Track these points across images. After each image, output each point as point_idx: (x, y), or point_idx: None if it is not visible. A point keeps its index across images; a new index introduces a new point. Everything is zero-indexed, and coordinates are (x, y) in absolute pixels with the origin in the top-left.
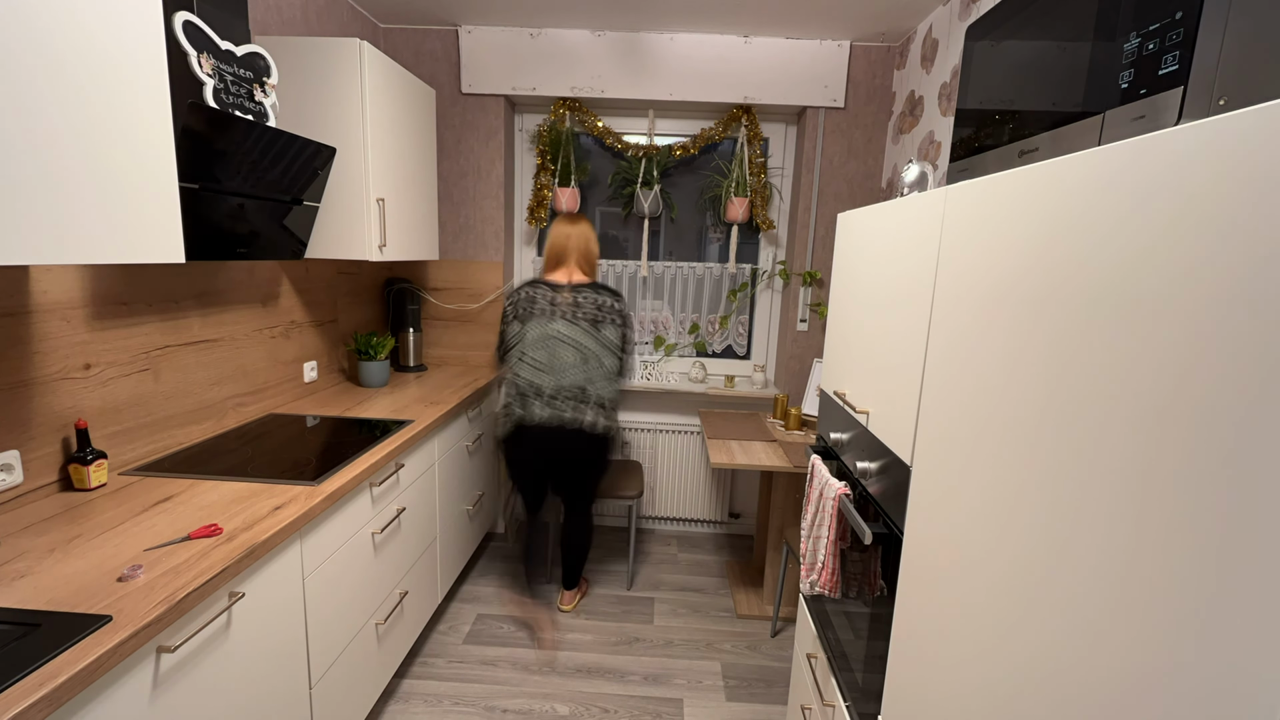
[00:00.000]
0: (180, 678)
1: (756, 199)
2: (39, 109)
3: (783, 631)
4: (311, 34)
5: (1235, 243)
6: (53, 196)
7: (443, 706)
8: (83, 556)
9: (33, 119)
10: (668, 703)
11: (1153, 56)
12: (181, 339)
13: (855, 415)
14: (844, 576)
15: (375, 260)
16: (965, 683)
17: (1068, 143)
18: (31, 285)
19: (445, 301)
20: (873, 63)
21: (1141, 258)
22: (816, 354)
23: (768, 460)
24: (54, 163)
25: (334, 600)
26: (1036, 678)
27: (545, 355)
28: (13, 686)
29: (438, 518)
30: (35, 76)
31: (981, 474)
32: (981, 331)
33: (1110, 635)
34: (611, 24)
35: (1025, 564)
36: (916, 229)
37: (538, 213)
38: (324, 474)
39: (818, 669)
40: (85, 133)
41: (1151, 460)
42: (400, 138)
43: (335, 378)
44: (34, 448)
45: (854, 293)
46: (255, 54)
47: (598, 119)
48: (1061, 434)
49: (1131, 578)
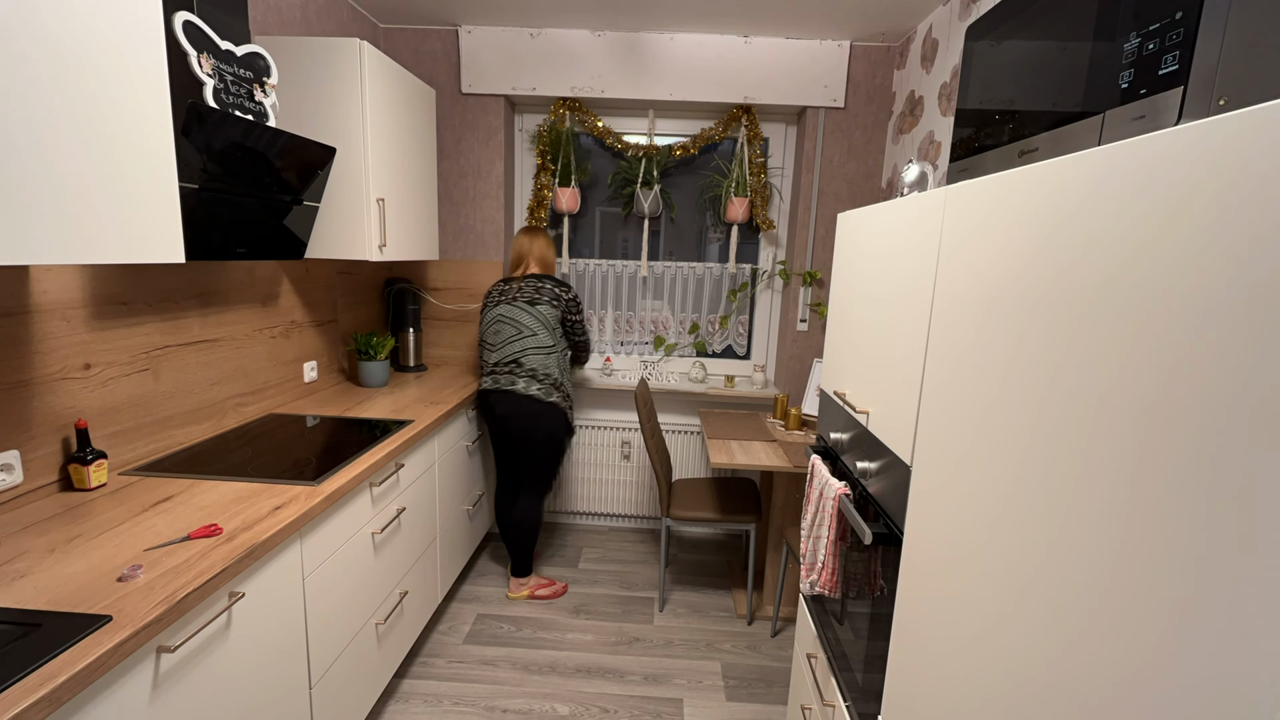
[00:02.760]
0: (180, 678)
1: (756, 199)
2: (40, 109)
3: (783, 631)
4: (311, 34)
5: (1235, 243)
6: (54, 197)
7: (443, 706)
8: (83, 556)
9: (33, 119)
10: (668, 703)
11: (1153, 56)
12: (181, 339)
13: (855, 415)
14: (844, 576)
15: (375, 260)
16: (966, 682)
17: (1068, 143)
18: (31, 285)
19: (445, 301)
20: (873, 63)
21: (1140, 257)
22: (816, 354)
23: (768, 460)
24: (55, 163)
25: (334, 600)
26: (1038, 677)
27: (492, 335)
28: (13, 686)
29: (438, 518)
30: (36, 76)
31: (981, 473)
32: (982, 331)
33: (1110, 634)
34: (611, 24)
35: (1025, 563)
36: (916, 229)
37: (538, 213)
38: (324, 474)
39: (818, 669)
40: (86, 133)
41: (1142, 456)
42: (400, 138)
43: (335, 378)
44: (34, 448)
45: (854, 292)
46: (255, 54)
47: (598, 119)
48: (1058, 432)
49: (1133, 574)
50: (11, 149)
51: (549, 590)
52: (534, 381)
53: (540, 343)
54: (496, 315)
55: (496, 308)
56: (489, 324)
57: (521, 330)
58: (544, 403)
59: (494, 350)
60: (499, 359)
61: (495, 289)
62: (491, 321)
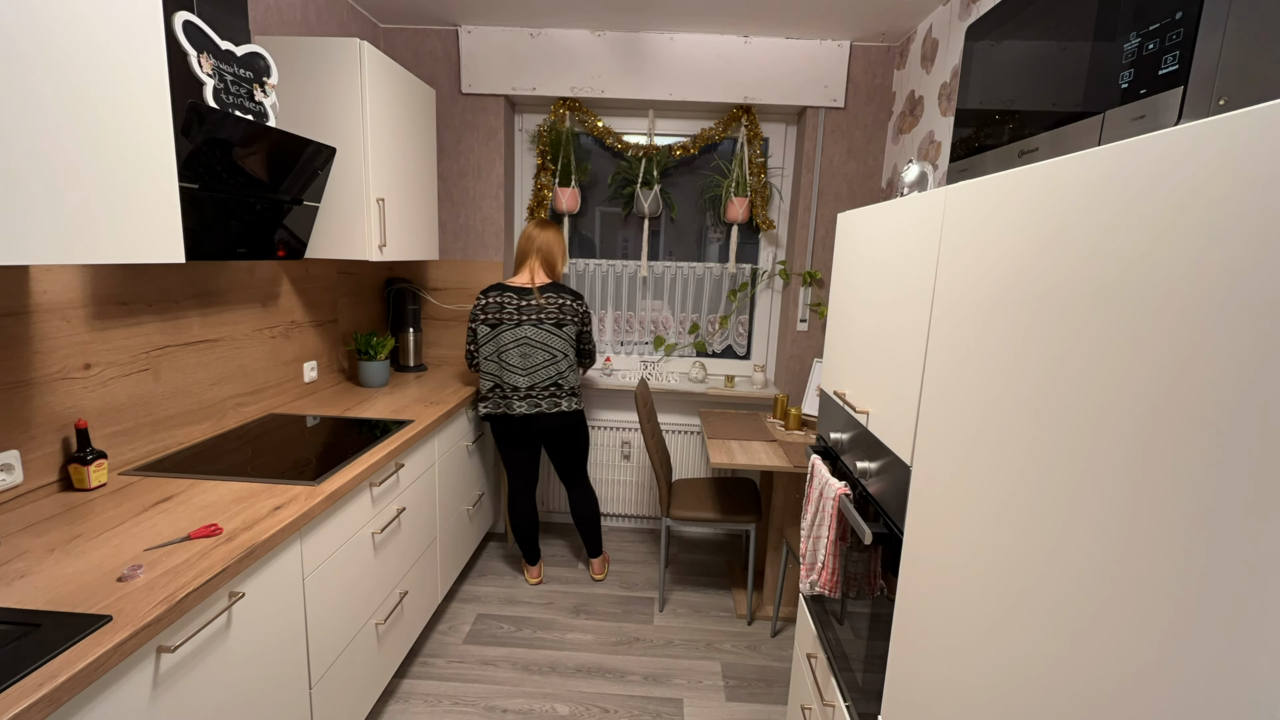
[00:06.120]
0: (180, 678)
1: (756, 199)
2: (40, 109)
3: (783, 631)
4: (311, 34)
5: (1234, 243)
6: (53, 197)
7: (443, 706)
8: (83, 556)
9: (33, 119)
10: (668, 703)
11: (1153, 56)
12: (181, 339)
13: (855, 415)
14: (844, 576)
15: (375, 260)
16: (967, 683)
17: (1068, 143)
18: (31, 285)
19: (445, 301)
20: (873, 63)
21: (1140, 257)
22: (816, 354)
23: (768, 460)
24: (55, 163)
25: (334, 600)
26: (1039, 677)
27: (519, 358)
28: (13, 686)
29: (438, 518)
30: (36, 76)
31: (982, 473)
32: (981, 331)
33: (1109, 632)
34: (611, 24)
35: (1027, 563)
36: (916, 229)
37: (538, 213)
38: (324, 474)
39: (818, 669)
40: (86, 133)
41: (1146, 457)
42: (400, 138)
43: (335, 378)
44: (34, 448)
45: (854, 292)
46: (255, 54)
47: (598, 119)
48: (1061, 432)
49: (1136, 575)
50: (9, 149)
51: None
52: (573, 397)
53: (570, 362)
54: (522, 337)
55: (519, 328)
56: (511, 344)
57: (555, 355)
58: (580, 410)
59: (523, 374)
60: (533, 383)
61: (503, 300)
62: (516, 343)
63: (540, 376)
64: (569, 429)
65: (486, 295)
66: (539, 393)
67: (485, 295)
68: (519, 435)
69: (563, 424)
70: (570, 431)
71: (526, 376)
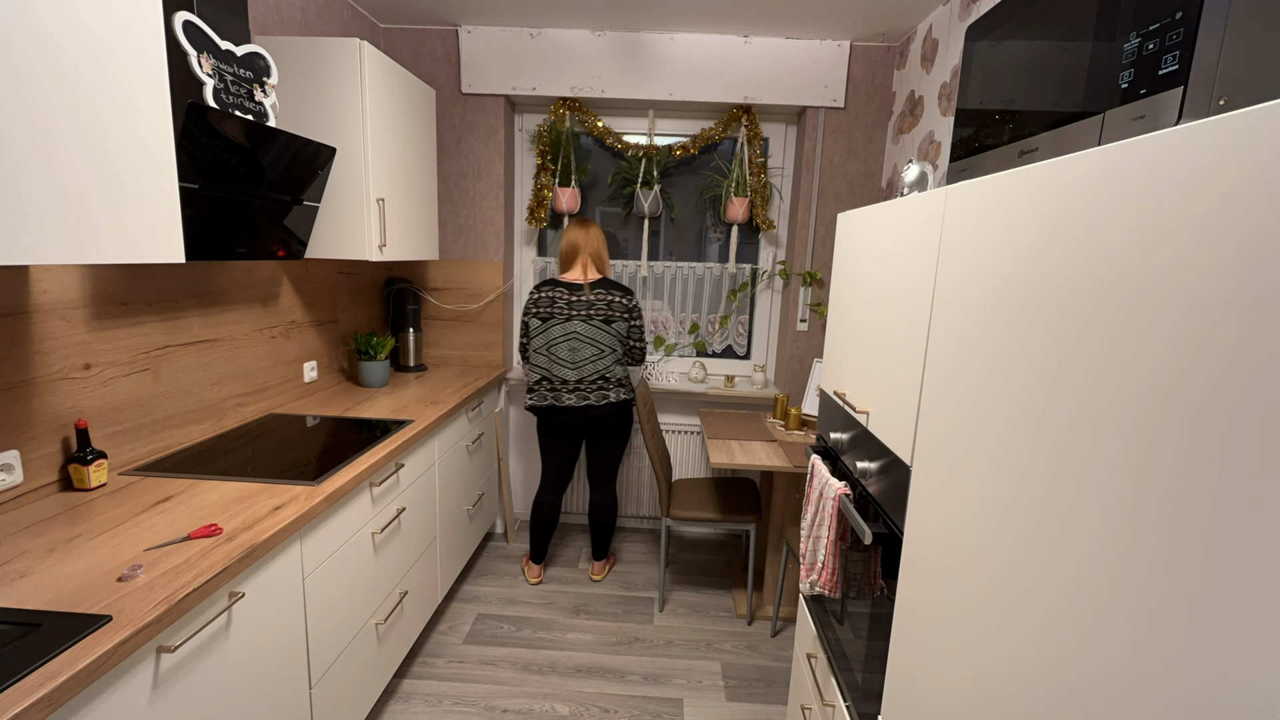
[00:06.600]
0: (180, 678)
1: (756, 199)
2: (39, 109)
3: (783, 631)
4: (311, 34)
5: (1234, 242)
6: (53, 197)
7: (443, 706)
8: (83, 556)
9: (33, 119)
10: (668, 703)
11: (1153, 56)
12: (181, 339)
13: (855, 415)
14: (844, 576)
15: (375, 260)
16: (967, 683)
17: (1068, 143)
18: (31, 285)
19: (445, 301)
20: (873, 63)
21: (1140, 257)
22: (816, 354)
23: (768, 460)
24: (54, 163)
25: (334, 600)
26: (1040, 678)
27: (567, 352)
28: (13, 686)
29: (438, 518)
30: (36, 76)
31: (982, 474)
32: (981, 331)
33: (1111, 633)
34: (611, 24)
35: (1028, 563)
36: (916, 229)
37: (538, 213)
38: (324, 474)
39: (818, 669)
40: (86, 133)
41: (1147, 457)
42: (400, 138)
43: (335, 378)
44: (34, 448)
45: (854, 292)
46: (255, 54)
47: (598, 119)
48: (1062, 433)
49: (1138, 575)
50: (9, 149)
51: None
52: (620, 388)
53: (618, 357)
54: (571, 332)
55: (569, 322)
56: (561, 338)
57: (603, 351)
58: (628, 401)
59: (572, 368)
60: (581, 377)
61: (555, 294)
62: (565, 336)
63: (587, 371)
64: (617, 420)
65: (539, 290)
66: (586, 386)
67: (538, 290)
68: (567, 427)
69: (611, 413)
70: (618, 422)
71: (574, 370)
